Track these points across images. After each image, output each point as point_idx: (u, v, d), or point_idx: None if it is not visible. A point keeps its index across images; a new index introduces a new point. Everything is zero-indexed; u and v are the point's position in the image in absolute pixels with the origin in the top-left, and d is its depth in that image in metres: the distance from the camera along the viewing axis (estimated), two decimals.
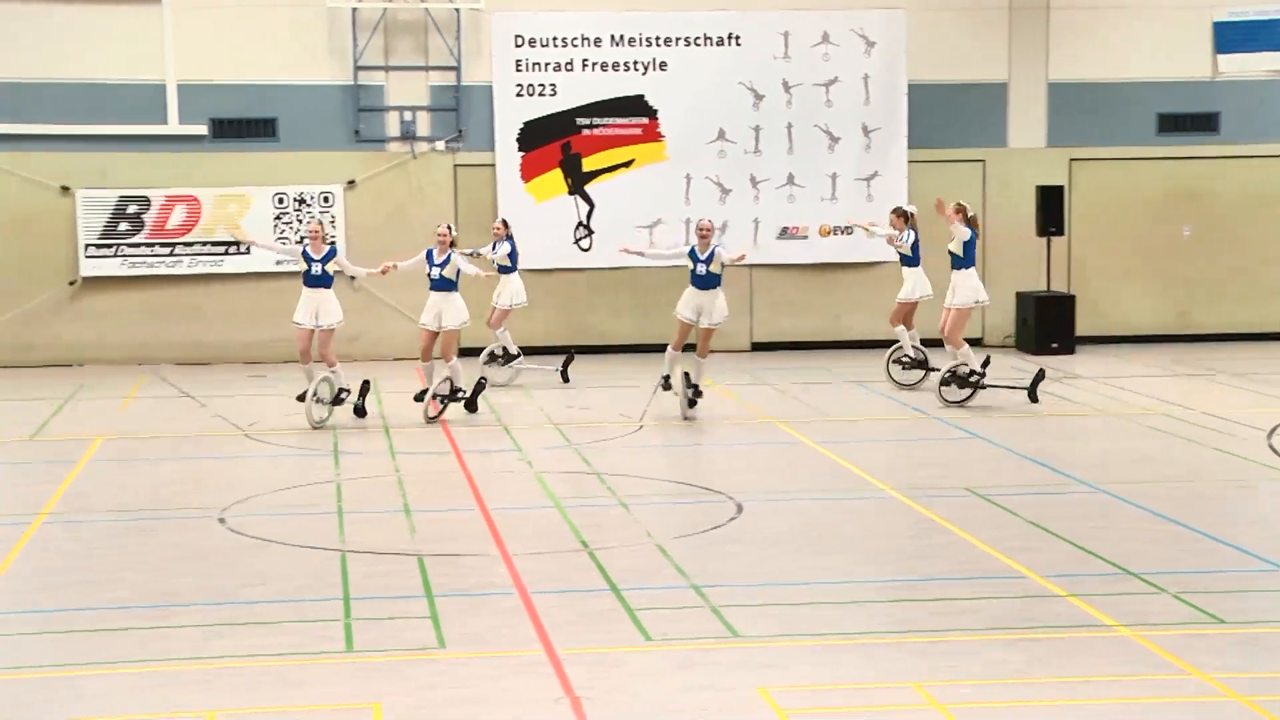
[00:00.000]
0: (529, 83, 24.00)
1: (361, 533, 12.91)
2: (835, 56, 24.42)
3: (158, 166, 23.35)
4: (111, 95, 23.28)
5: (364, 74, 23.74)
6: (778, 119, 24.39)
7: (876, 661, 9.53)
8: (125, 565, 11.93)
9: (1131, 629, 10.10)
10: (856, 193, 24.53)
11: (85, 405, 19.76)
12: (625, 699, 8.85)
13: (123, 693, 9.01)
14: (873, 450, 16.73)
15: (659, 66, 24.22)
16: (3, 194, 23.10)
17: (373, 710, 8.67)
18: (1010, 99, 25.05)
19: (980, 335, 25.08)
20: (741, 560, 12.06)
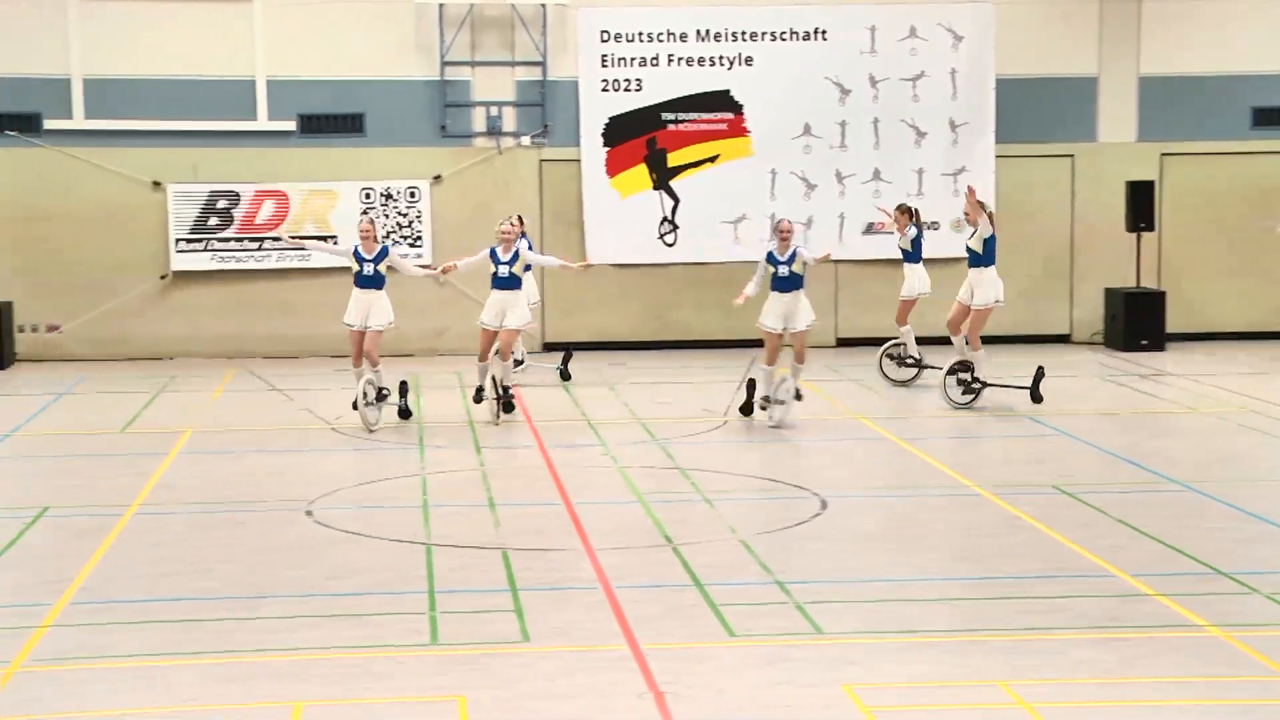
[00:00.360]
0: (614, 78, 24.01)
1: (446, 526, 12.97)
2: (922, 51, 24.26)
3: (247, 162, 23.58)
4: (202, 91, 23.51)
5: (450, 69, 23.85)
6: (864, 114, 24.27)
7: (962, 659, 9.46)
8: (214, 557, 12.05)
9: (1222, 629, 9.96)
10: (943, 188, 24.35)
11: (175, 398, 19.98)
12: (709, 695, 8.84)
13: (211, 683, 9.10)
14: (959, 447, 16.62)
15: (745, 61, 24.16)
16: (96, 189, 23.39)
17: (458, 703, 8.70)
18: (1100, 93, 24.78)
19: (1068, 332, 24.88)
20: (826, 557, 12.02)
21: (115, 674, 9.32)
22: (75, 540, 12.43)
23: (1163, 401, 19.22)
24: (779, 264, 17.33)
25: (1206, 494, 13.90)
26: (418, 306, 23.94)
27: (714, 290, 24.27)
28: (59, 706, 8.76)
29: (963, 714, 8.52)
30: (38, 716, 8.60)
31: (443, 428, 17.59)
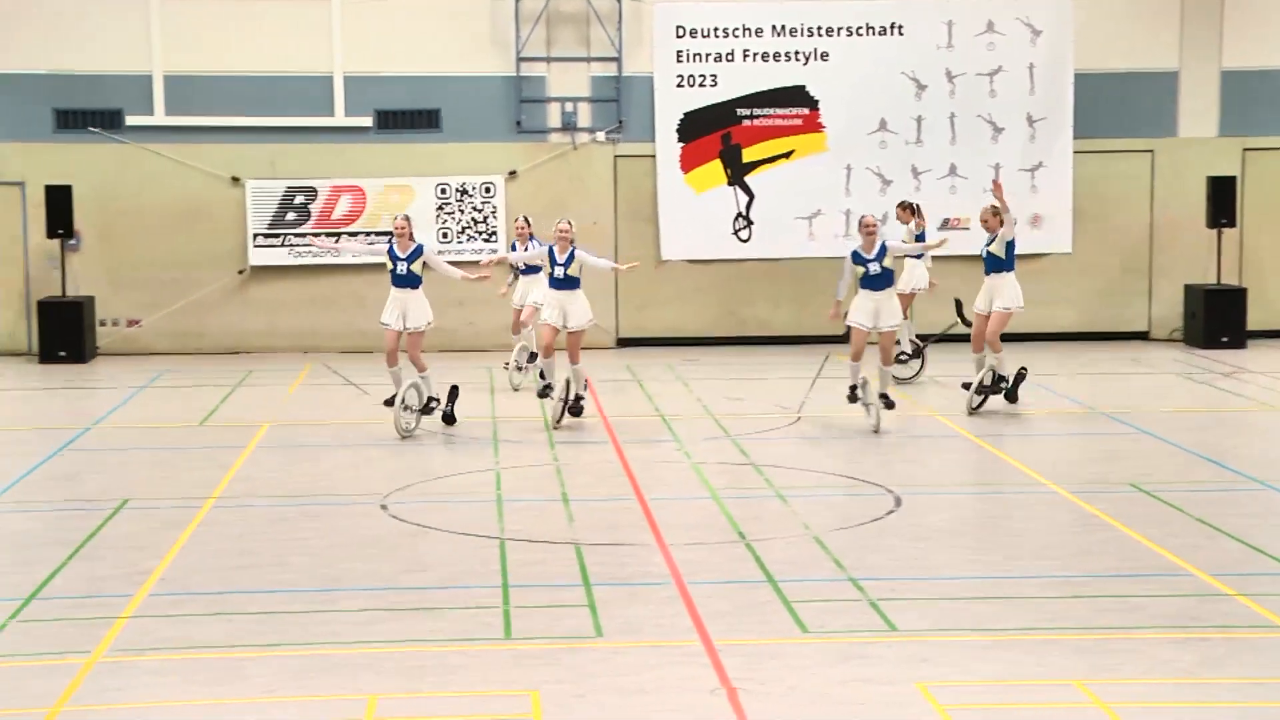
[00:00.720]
0: (690, 73, 24.00)
1: (520, 521, 13.01)
2: (1000, 45, 24.10)
3: (324, 157, 23.73)
4: (280, 88, 23.70)
5: (526, 65, 23.90)
6: (940, 109, 24.13)
7: (1038, 658, 9.40)
8: (290, 550, 12.15)
9: None
10: (1020, 184, 24.15)
11: (252, 392, 20.14)
12: (782, 691, 8.83)
13: (287, 675, 9.17)
14: (1035, 444, 16.50)
15: (820, 57, 24.09)
16: (175, 185, 23.62)
17: (531, 697, 8.73)
18: (1181, 87, 24.49)
19: (1146, 329, 24.64)
20: (900, 554, 11.96)
21: (193, 664, 9.42)
22: (155, 532, 12.57)
23: (1243, 399, 18.99)
24: (867, 262, 16.74)
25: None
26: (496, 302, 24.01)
27: (788, 286, 24.26)
28: (138, 696, 8.86)
29: (1038, 713, 8.47)
30: (118, 706, 8.70)
31: (516, 422, 17.64)
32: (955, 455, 15.79)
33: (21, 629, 10.12)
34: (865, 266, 16.72)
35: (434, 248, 17.07)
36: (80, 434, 17.16)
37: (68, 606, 10.58)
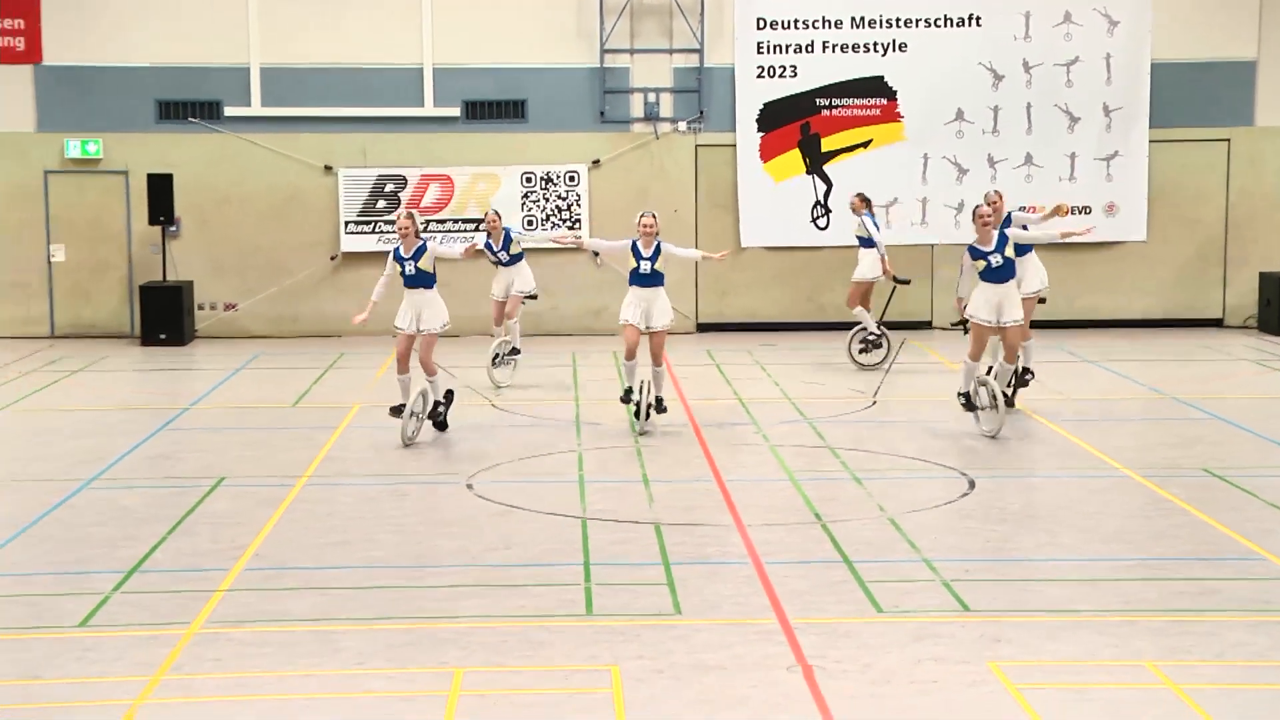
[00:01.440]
0: (770, 64, 23.94)
1: (602, 501, 13.04)
2: (1077, 36, 23.87)
3: (414, 147, 23.87)
4: (371, 79, 23.85)
5: (610, 57, 23.93)
6: (1017, 99, 23.95)
7: (1110, 639, 9.32)
8: (380, 528, 12.24)
9: None
10: (1096, 173, 23.97)
11: (344, 374, 20.30)
12: (857, 669, 8.81)
13: (376, 648, 9.25)
14: (1109, 429, 16.33)
15: (898, 48, 23.95)
16: (271, 174, 23.84)
17: (611, 672, 8.76)
18: (1259, 76, 24.16)
19: (1221, 316, 24.34)
20: (974, 536, 11.90)
21: (287, 637, 9.52)
22: (250, 509, 12.70)
23: None
24: (986, 255, 15.49)
25: None
26: (576, 286, 24.13)
27: None
28: (235, 666, 8.97)
29: (1111, 693, 8.40)
30: (215, 675, 8.81)
31: (598, 405, 17.67)
32: (1028, 439, 15.66)
33: (124, 600, 10.26)
34: (986, 260, 15.47)
35: (436, 240, 15.94)
36: (179, 414, 17.37)
37: (167, 580, 10.72)
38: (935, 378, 19.73)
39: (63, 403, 18.20)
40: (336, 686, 8.62)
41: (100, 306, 24.03)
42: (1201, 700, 8.27)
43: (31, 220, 23.78)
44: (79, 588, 10.52)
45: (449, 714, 8.15)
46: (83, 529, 12.20)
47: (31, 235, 23.80)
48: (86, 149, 23.62)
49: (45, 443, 15.72)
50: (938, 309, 24.38)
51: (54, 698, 8.48)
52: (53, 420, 17.04)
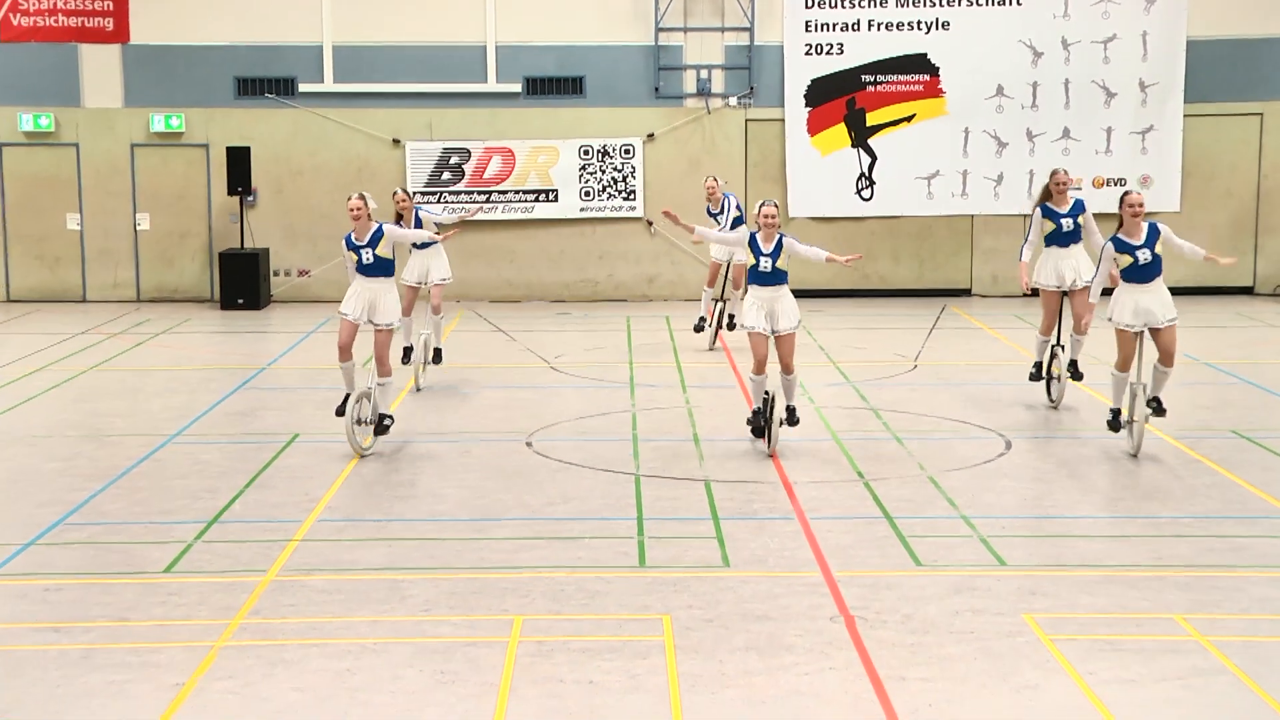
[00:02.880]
0: (817, 42, 23.80)
1: (654, 459, 13.06)
2: (1115, 14, 23.59)
3: (477, 121, 23.88)
4: (438, 57, 23.86)
5: (664, 35, 23.84)
6: (1055, 75, 23.71)
7: (1140, 593, 9.29)
8: (445, 482, 12.30)
9: None
10: (1131, 146, 23.72)
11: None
12: (897, 619, 8.81)
13: (441, 596, 9.32)
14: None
15: (941, 26, 23.76)
16: (343, 146, 23.91)
17: (663, 621, 8.79)
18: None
19: (1251, 284, 24.09)
20: (1010, 494, 11.86)
21: (357, 584, 9.59)
22: (322, 464, 12.78)
23: None
24: (1060, 218, 14.54)
25: None
26: (633, 255, 24.12)
27: (908, 243, 24.05)
28: (309, 611, 9.05)
29: (1140, 644, 8.37)
30: (291, 620, 8.89)
31: (653, 367, 17.69)
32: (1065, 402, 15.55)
33: (206, 549, 10.37)
34: (1058, 223, 14.57)
35: (391, 226, 13.65)
36: (256, 374, 17.49)
37: (245, 530, 10.82)
38: (974, 343, 19.64)
39: (148, 363, 18.36)
40: (404, 631, 8.69)
41: (182, 272, 24.20)
42: (1227, 651, 8.23)
43: (119, 191, 23.96)
44: (164, 536, 10.65)
45: (509, 659, 8.21)
46: (167, 481, 12.33)
47: (119, 205, 23.99)
48: (170, 123, 23.75)
49: (132, 400, 15.87)
50: (976, 276, 24.23)
51: (142, 638, 8.59)
52: (139, 379, 17.20)
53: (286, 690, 7.81)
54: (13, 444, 13.71)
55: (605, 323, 21.59)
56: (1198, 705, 7.54)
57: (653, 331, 20.61)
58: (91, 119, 23.85)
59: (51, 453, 13.35)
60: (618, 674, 7.99)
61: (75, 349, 19.25)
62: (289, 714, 7.51)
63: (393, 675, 8.00)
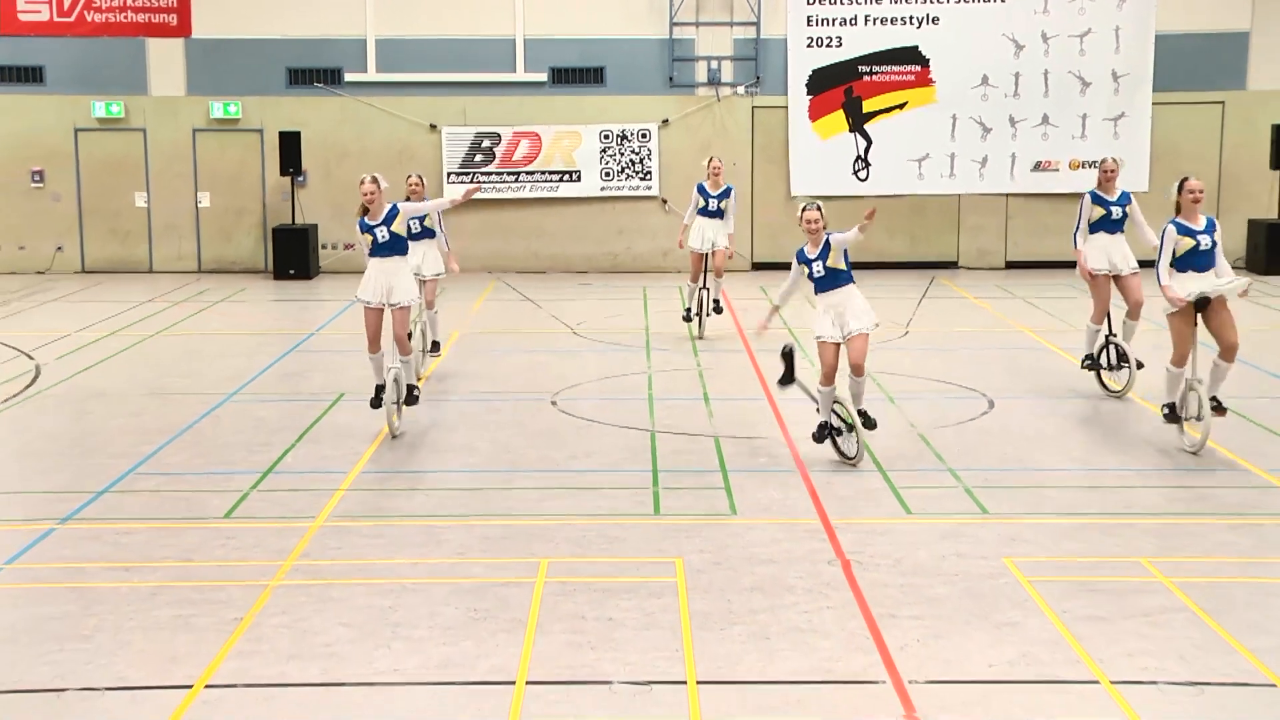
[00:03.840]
0: (818, 36, 23.66)
1: (668, 416, 13.04)
2: (1090, 10, 23.43)
3: (507, 108, 23.80)
4: (470, 49, 23.77)
5: (678, 29, 23.71)
6: (1035, 66, 23.57)
7: (1110, 539, 9.26)
8: (477, 437, 12.30)
9: None
10: (1104, 132, 23.60)
11: (446, 305, 20.31)
12: (889, 563, 8.79)
13: (474, 540, 9.32)
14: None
15: (932, 21, 23.60)
16: (384, 131, 23.86)
17: (676, 564, 8.79)
18: (1251, 46, 23.66)
19: None
20: (993, 449, 11.82)
21: (398, 529, 9.61)
22: (366, 421, 12.77)
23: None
24: (1109, 205, 13.50)
25: None
26: (649, 231, 24.05)
27: (901, 219, 23.95)
28: (355, 554, 9.07)
29: (1110, 584, 8.35)
30: (338, 562, 8.91)
31: (666, 334, 17.66)
32: (1042, 364, 15.51)
33: (261, 497, 10.39)
34: (1108, 210, 13.49)
35: (405, 203, 12.73)
36: (306, 338, 17.49)
37: (297, 480, 10.83)
38: (960, 311, 19.57)
39: (207, 328, 18.38)
40: (440, 572, 8.70)
41: (239, 246, 24.20)
42: (1188, 591, 8.20)
43: (182, 172, 23.96)
44: (223, 486, 10.67)
45: (536, 597, 8.21)
46: (225, 436, 12.35)
47: (182, 184, 23.99)
48: (228, 110, 23.72)
49: (193, 362, 15.89)
50: (963, 250, 24.15)
51: (204, 577, 8.62)
52: (199, 343, 17.22)
53: (334, 625, 7.83)
54: (87, 401, 13.74)
55: (623, 292, 21.55)
56: (1161, 640, 7.52)
57: (667, 300, 20.56)
58: (157, 106, 23.82)
59: (122, 409, 13.37)
60: (634, 611, 7.99)
61: (142, 315, 19.28)
62: (336, 646, 7.52)
63: (430, 612, 8.01)
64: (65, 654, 7.44)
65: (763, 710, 6.71)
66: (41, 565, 8.91)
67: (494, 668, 7.22)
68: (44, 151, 23.90)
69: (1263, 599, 8.16)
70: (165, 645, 7.56)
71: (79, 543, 9.33)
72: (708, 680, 7.05)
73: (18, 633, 7.76)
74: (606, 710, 6.71)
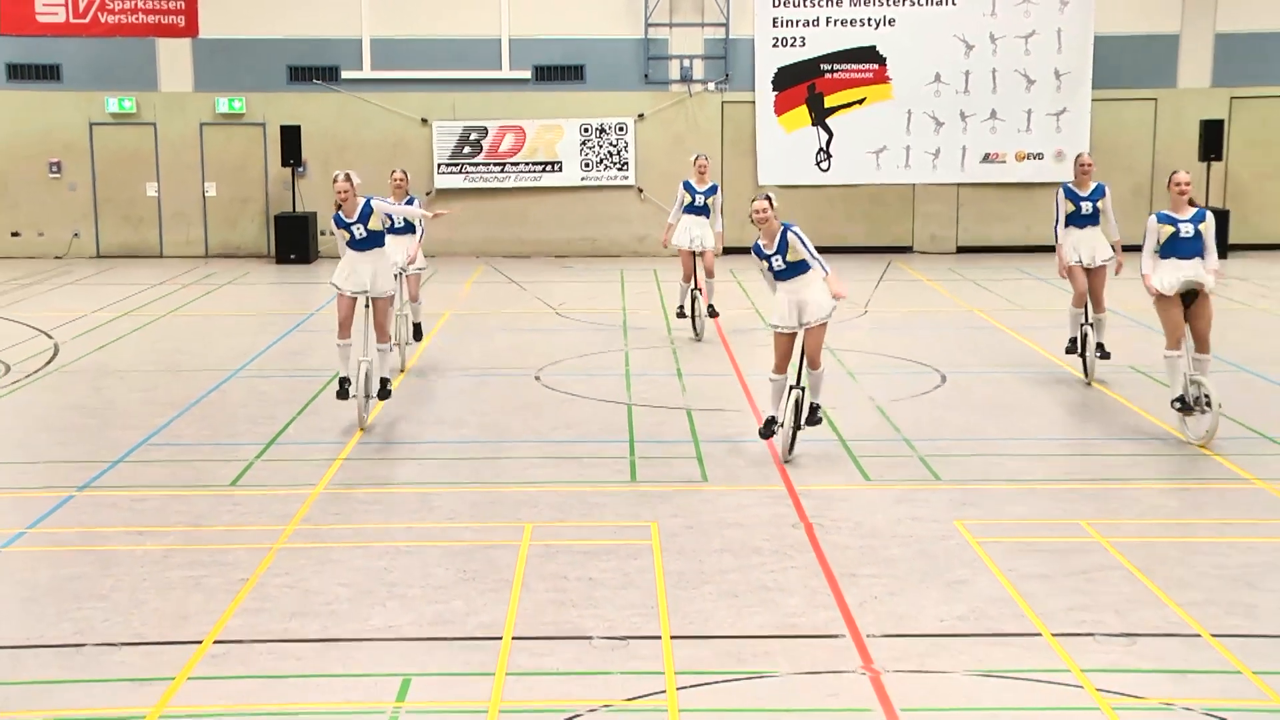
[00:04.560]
0: (783, 36, 23.61)
1: (644, 391, 13.04)
2: (1034, 13, 23.43)
3: (493, 103, 23.70)
4: (459, 48, 23.64)
5: (653, 29, 23.63)
6: (984, 65, 23.57)
7: (1053, 503, 9.31)
8: (467, 410, 12.28)
9: (1268, 482, 9.66)
10: (1048, 126, 23.63)
11: (437, 287, 20.25)
12: (849, 526, 8.82)
13: (464, 506, 9.32)
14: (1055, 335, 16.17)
15: (889, 23, 23.57)
16: (379, 125, 23.74)
17: (651, 527, 8.80)
18: (1181, 47, 23.72)
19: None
20: (945, 421, 11.85)
21: (394, 496, 9.59)
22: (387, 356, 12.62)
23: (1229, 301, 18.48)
24: (1080, 200, 13.17)
25: (1260, 374, 13.41)
26: (626, 218, 24.01)
27: (859, 206, 23.98)
28: (352, 519, 9.06)
29: (1053, 545, 8.40)
30: (338, 526, 8.89)
31: (643, 313, 17.64)
32: (991, 342, 15.56)
33: (265, 466, 10.36)
34: (1078, 205, 13.14)
35: (378, 200, 12.04)
36: (306, 318, 17.42)
37: (299, 450, 10.80)
38: (915, 292, 19.60)
39: (215, 309, 18.29)
40: (432, 536, 8.70)
41: (243, 232, 24.07)
42: (1123, 549, 8.26)
43: (190, 163, 23.80)
44: (230, 455, 10.63)
45: (521, 559, 8.22)
46: (232, 409, 12.31)
47: (190, 175, 23.83)
48: (233, 105, 23.56)
49: (202, 340, 15.82)
50: (917, 236, 24.19)
51: (213, 541, 8.60)
52: (207, 323, 17.14)
53: (333, 585, 7.82)
54: (104, 377, 13.67)
55: (602, 275, 21.52)
56: (1097, 594, 7.57)
57: (642, 283, 20.55)
58: (167, 102, 23.65)
59: (135, 384, 13.31)
60: (613, 572, 8.00)
61: (154, 297, 19.17)
62: (336, 604, 7.52)
63: (423, 573, 8.01)
64: (84, 611, 7.42)
65: (732, 662, 6.73)
66: (62, 530, 8.87)
67: (482, 624, 7.22)
68: (61, 144, 23.72)
69: (1190, 557, 8.22)
70: (177, 603, 7.54)
71: (96, 509, 9.29)
72: (681, 635, 7.07)
73: (40, 592, 7.74)
74: (587, 663, 6.73)
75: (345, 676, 6.59)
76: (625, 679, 6.50)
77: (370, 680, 6.54)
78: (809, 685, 6.45)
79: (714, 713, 6.19)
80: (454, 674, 6.62)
